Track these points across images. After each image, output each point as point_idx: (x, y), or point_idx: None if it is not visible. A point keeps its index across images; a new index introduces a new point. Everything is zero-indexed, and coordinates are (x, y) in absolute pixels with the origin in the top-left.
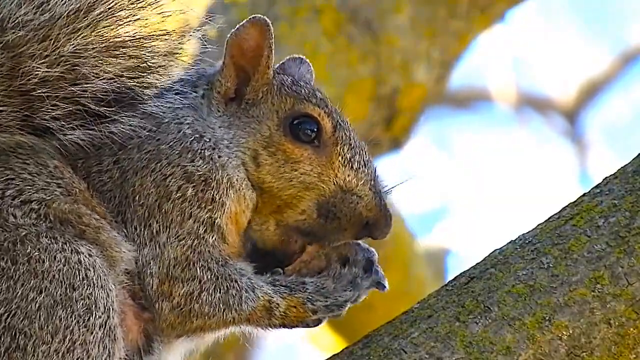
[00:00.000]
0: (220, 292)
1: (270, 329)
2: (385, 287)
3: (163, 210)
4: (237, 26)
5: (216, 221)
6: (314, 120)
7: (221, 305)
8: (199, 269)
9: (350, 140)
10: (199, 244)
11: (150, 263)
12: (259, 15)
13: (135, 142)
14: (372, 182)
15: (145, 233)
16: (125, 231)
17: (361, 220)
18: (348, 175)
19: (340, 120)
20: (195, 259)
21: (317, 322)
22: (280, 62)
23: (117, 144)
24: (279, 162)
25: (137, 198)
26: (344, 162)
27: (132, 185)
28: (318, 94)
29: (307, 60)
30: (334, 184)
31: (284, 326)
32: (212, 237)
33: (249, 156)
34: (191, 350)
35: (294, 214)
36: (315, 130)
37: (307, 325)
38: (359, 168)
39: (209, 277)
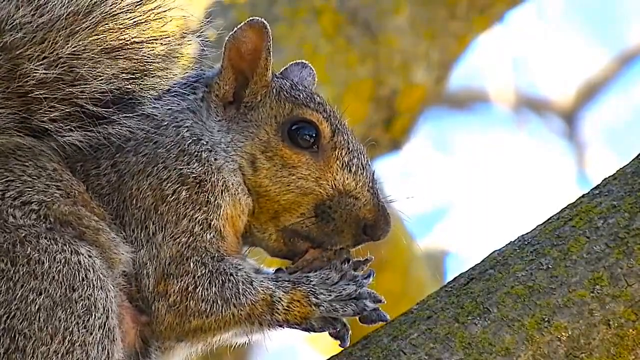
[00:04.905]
0: (216, 287)
1: (273, 326)
2: (382, 300)
3: (159, 211)
4: (235, 29)
5: (212, 223)
6: (312, 125)
7: (218, 300)
8: (193, 263)
9: (348, 144)
10: (194, 240)
11: (147, 264)
12: (257, 18)
13: (132, 145)
14: (370, 185)
15: (142, 235)
16: (123, 233)
17: (358, 221)
18: (346, 179)
19: (338, 124)
20: (189, 254)
21: (322, 327)
22: (283, 68)
23: (114, 146)
24: (276, 166)
25: (134, 202)
26: (342, 166)
27: (130, 188)
28: (316, 98)
29: (310, 64)
30: (332, 187)
31: (287, 323)
32: (209, 235)
33: (247, 160)
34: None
35: (292, 217)
36: (314, 135)
37: (312, 327)
38: (357, 171)
39: (203, 271)
